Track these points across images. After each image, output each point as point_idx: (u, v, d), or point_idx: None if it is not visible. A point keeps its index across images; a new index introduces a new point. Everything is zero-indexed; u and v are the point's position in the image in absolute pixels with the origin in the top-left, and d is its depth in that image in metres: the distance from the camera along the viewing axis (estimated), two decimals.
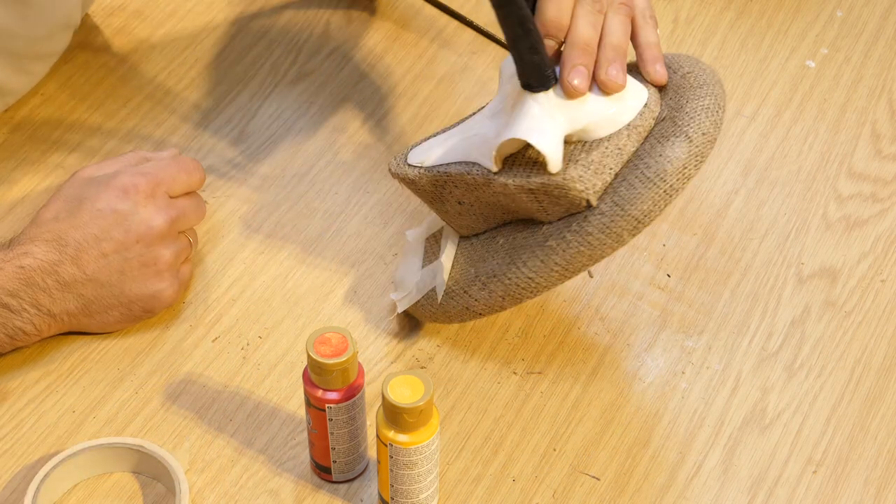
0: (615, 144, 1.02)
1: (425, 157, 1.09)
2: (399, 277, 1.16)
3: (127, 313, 1.12)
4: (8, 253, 1.07)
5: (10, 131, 1.29)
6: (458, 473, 1.06)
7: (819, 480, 1.06)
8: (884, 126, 1.32)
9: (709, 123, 1.02)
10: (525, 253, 1.06)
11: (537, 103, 1.01)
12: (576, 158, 1.01)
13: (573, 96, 1.02)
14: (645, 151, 1.02)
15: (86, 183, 1.12)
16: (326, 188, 1.25)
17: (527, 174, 1.02)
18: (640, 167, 1.01)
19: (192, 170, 1.15)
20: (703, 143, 1.02)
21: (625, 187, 1.01)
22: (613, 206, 1.01)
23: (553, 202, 1.03)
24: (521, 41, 0.99)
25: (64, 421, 1.09)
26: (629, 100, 1.03)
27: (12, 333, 1.08)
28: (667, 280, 1.19)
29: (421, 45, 1.38)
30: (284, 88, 1.33)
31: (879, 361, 1.14)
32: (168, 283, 1.12)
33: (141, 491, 1.05)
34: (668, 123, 1.03)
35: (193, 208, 1.15)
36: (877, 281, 1.19)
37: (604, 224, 1.01)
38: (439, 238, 1.15)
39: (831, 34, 1.40)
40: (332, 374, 0.98)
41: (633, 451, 1.08)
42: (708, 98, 1.03)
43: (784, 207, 1.25)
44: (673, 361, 1.13)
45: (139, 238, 1.09)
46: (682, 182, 1.01)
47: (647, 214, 1.01)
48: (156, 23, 1.39)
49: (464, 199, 1.09)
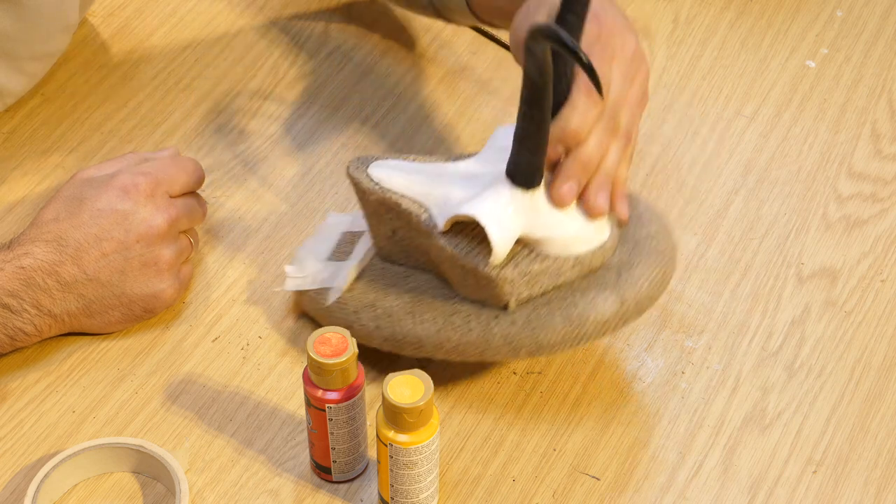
0: (557, 268, 1.03)
1: (386, 177, 1.08)
2: (301, 255, 1.15)
3: (128, 313, 1.12)
4: (8, 253, 1.07)
5: (10, 131, 1.29)
6: (458, 473, 1.06)
7: (819, 480, 1.06)
8: (884, 126, 1.32)
9: (647, 294, 1.04)
10: (428, 313, 1.07)
11: (511, 196, 1.02)
12: (517, 262, 1.02)
13: (556, 204, 1.03)
14: (580, 289, 1.04)
15: (86, 183, 1.12)
16: (326, 188, 1.25)
17: (467, 251, 1.03)
18: (567, 301, 1.03)
19: (192, 170, 1.15)
20: (633, 310, 1.04)
21: (545, 312, 1.03)
22: (526, 322, 1.03)
23: (476, 286, 1.04)
24: (530, 140, 0.99)
25: (64, 421, 1.09)
26: (591, 233, 1.04)
27: (12, 334, 1.08)
28: None
29: (421, 45, 1.38)
30: (284, 88, 1.33)
31: (879, 361, 1.14)
32: (169, 283, 1.12)
33: (141, 491, 1.05)
34: (612, 274, 1.04)
35: (194, 208, 1.15)
36: (877, 281, 1.19)
37: (509, 333, 1.03)
38: (356, 239, 1.15)
39: (831, 34, 1.40)
40: (332, 374, 0.98)
41: (633, 451, 1.08)
42: (657, 269, 1.05)
43: (784, 207, 1.25)
44: (673, 361, 1.13)
45: (139, 237, 1.09)
46: (598, 334, 1.03)
47: (552, 346, 1.03)
48: (156, 22, 1.39)
49: (399, 232, 1.09)
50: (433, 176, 1.07)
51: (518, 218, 1.01)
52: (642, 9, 1.41)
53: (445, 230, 1.04)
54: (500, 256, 1.01)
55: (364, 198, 1.09)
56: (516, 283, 1.02)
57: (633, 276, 1.04)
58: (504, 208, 1.01)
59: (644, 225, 1.07)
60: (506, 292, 1.03)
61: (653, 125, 1.30)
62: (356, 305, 1.10)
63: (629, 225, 1.07)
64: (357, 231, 1.15)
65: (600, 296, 1.03)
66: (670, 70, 1.36)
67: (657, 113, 1.30)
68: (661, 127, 1.31)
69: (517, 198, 1.01)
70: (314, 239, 1.16)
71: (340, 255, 1.14)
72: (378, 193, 1.07)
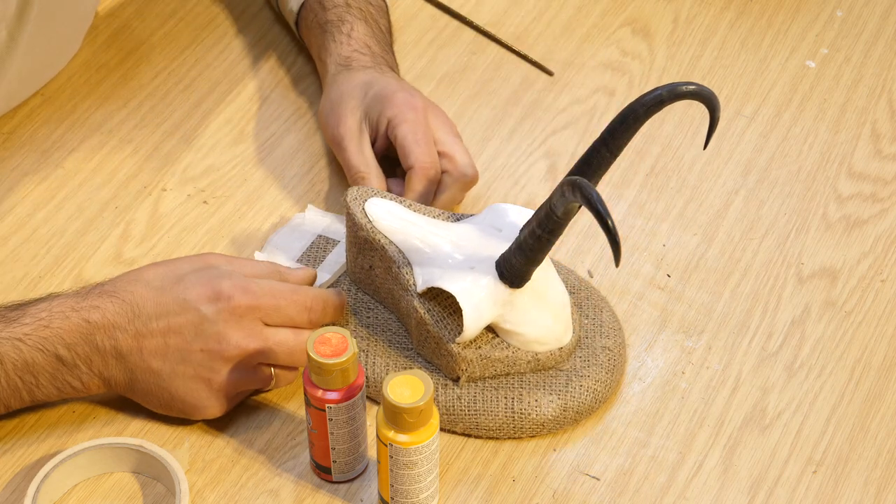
0: (515, 359, 1.07)
1: (380, 218, 1.10)
2: (274, 244, 1.16)
3: (165, 405, 1.06)
4: (80, 302, 1.03)
5: (10, 131, 1.29)
6: (458, 473, 1.06)
7: (819, 480, 1.06)
8: (884, 126, 1.32)
9: (588, 406, 1.09)
10: (381, 357, 1.10)
11: (493, 287, 1.05)
12: (479, 345, 1.07)
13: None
14: (528, 384, 1.08)
15: (199, 269, 1.05)
16: (326, 188, 1.25)
17: (437, 318, 1.07)
18: (516, 391, 1.07)
19: (312, 307, 1.06)
20: (572, 418, 1.08)
21: (491, 397, 1.07)
22: (471, 401, 1.07)
23: (436, 352, 1.07)
24: (531, 252, 1.03)
25: (64, 421, 1.09)
26: (555, 336, 1.08)
27: (61, 386, 1.04)
28: (667, 280, 1.19)
29: (421, 45, 1.38)
30: (284, 88, 1.33)
31: (879, 361, 1.14)
32: (214, 404, 1.05)
33: (141, 491, 1.05)
34: (562, 379, 1.08)
35: (288, 347, 1.05)
36: (877, 281, 1.19)
37: (452, 406, 1.07)
38: (330, 248, 1.16)
39: (831, 34, 1.40)
40: (332, 374, 0.98)
41: (633, 451, 1.08)
42: (603, 385, 1.09)
43: (784, 207, 1.25)
44: (673, 361, 1.13)
45: (204, 349, 1.03)
46: (533, 432, 1.08)
47: (488, 430, 1.07)
48: (156, 23, 1.39)
49: (375, 271, 1.11)
50: (426, 232, 1.09)
51: (494, 308, 1.05)
52: (642, 9, 1.42)
53: (421, 292, 1.07)
54: (468, 338, 1.06)
55: (353, 229, 1.11)
56: (473, 363, 1.07)
57: (581, 386, 1.08)
58: (484, 295, 1.05)
59: (604, 336, 1.11)
60: (461, 368, 1.07)
61: (653, 125, 1.30)
62: None
63: (590, 330, 1.11)
64: (332, 239, 1.16)
65: (545, 398, 1.07)
66: (670, 70, 1.36)
67: (657, 113, 1.30)
68: (661, 127, 1.31)
69: (499, 290, 1.05)
70: (289, 231, 1.17)
71: (311, 260, 1.15)
72: (368, 232, 1.10)
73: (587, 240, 1.21)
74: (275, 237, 1.17)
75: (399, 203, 1.12)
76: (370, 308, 1.12)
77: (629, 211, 1.24)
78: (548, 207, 0.99)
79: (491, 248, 1.07)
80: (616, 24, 1.40)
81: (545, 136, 1.30)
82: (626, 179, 1.26)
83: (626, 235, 1.22)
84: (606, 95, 1.33)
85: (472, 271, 1.05)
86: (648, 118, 0.99)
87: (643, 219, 1.23)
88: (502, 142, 1.29)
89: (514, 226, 1.08)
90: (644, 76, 1.35)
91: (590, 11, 1.41)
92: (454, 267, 1.06)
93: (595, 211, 0.94)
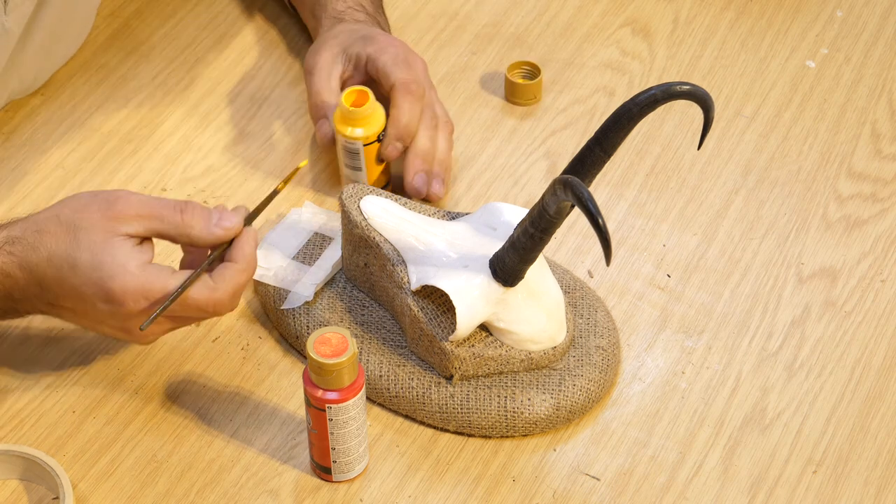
0: (508, 358, 1.07)
1: (376, 216, 1.10)
2: (270, 241, 1.16)
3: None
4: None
5: (10, 131, 1.29)
6: (458, 473, 1.06)
7: (819, 480, 1.06)
8: (884, 126, 1.32)
9: (581, 406, 1.08)
10: (374, 355, 1.10)
11: (487, 285, 1.05)
12: (472, 343, 1.07)
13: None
14: (521, 383, 1.08)
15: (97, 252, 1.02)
16: (327, 188, 1.25)
17: (430, 317, 1.07)
18: (507, 391, 1.07)
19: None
20: (565, 417, 1.08)
21: (484, 395, 1.07)
22: (464, 399, 1.07)
23: (429, 350, 1.08)
24: (524, 251, 1.03)
25: (64, 421, 1.09)
26: (548, 335, 1.08)
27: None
28: (667, 280, 1.19)
29: (421, 45, 1.38)
30: (284, 88, 1.33)
31: (879, 361, 1.14)
32: (144, 340, 1.05)
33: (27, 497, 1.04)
34: (555, 378, 1.08)
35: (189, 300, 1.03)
36: (877, 281, 1.19)
37: (445, 404, 1.08)
38: (326, 245, 1.16)
39: (831, 34, 1.40)
40: (332, 374, 0.98)
41: (633, 451, 1.08)
42: (596, 385, 1.09)
43: (784, 207, 1.25)
44: (673, 361, 1.13)
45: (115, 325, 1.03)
46: (525, 431, 1.08)
47: (480, 429, 1.08)
48: (156, 23, 1.39)
49: (370, 269, 1.12)
50: (420, 230, 1.09)
51: (487, 306, 1.05)
52: (642, 9, 1.42)
53: (415, 290, 1.07)
54: (462, 336, 1.06)
55: (348, 227, 1.11)
56: (466, 361, 1.07)
57: (574, 386, 1.08)
58: (478, 294, 1.05)
59: (598, 336, 1.11)
60: (454, 367, 1.07)
61: (653, 125, 1.30)
62: (309, 320, 1.11)
63: (584, 330, 1.11)
64: (328, 236, 1.16)
65: (538, 397, 1.07)
66: (670, 70, 1.36)
67: (657, 113, 1.30)
68: (661, 127, 1.31)
69: (493, 289, 1.05)
70: (285, 229, 1.17)
71: (307, 257, 1.15)
72: (363, 229, 1.10)
73: (587, 240, 1.21)
74: (271, 235, 1.17)
75: (394, 201, 1.12)
76: (364, 306, 1.12)
77: (629, 211, 1.24)
78: (540, 206, 1.00)
79: (485, 247, 1.07)
80: (616, 24, 1.40)
81: (545, 136, 1.30)
82: (626, 179, 1.26)
83: (626, 235, 1.22)
84: (606, 95, 1.33)
85: (466, 269, 1.06)
86: (642, 118, 0.99)
87: (643, 219, 1.23)
88: (502, 142, 1.29)
89: (509, 225, 1.08)
90: (644, 76, 1.35)
91: (590, 11, 1.41)
92: (448, 265, 1.06)
93: (586, 209, 0.94)
